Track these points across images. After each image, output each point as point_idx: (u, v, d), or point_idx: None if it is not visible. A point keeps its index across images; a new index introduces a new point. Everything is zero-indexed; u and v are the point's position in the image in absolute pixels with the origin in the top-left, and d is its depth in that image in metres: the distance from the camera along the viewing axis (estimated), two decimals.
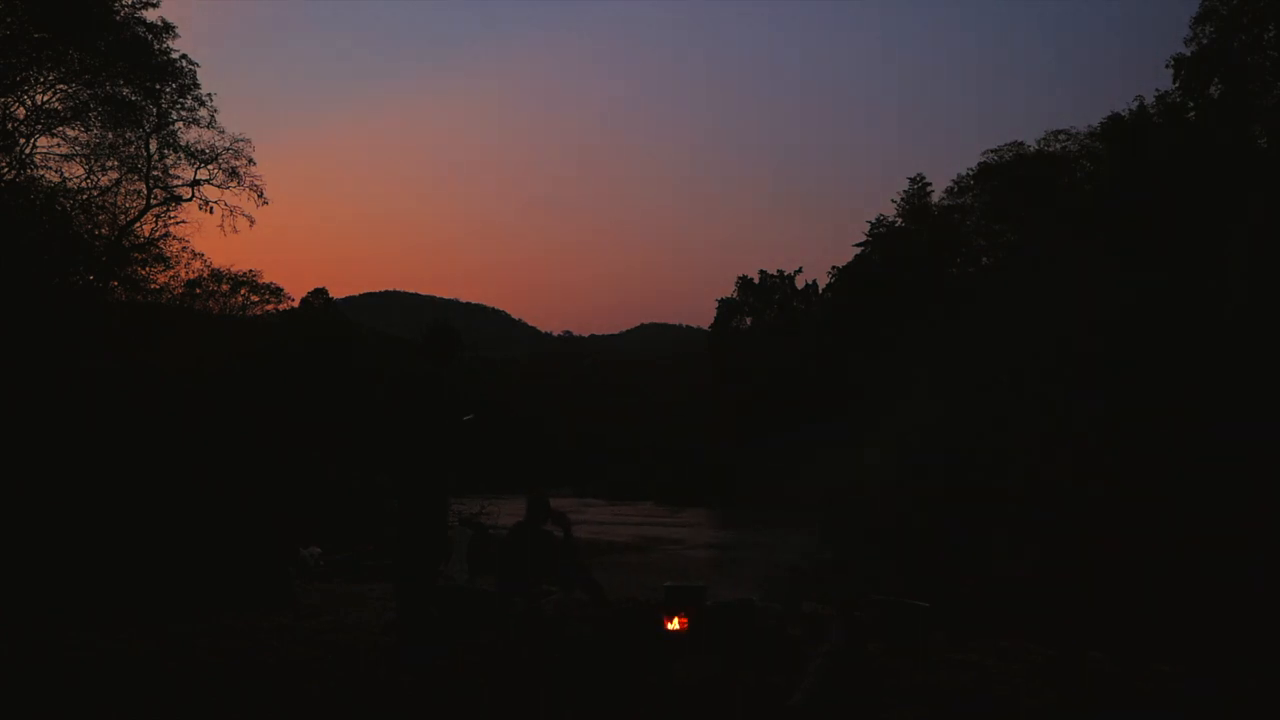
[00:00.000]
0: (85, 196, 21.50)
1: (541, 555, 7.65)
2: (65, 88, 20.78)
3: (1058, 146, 39.84)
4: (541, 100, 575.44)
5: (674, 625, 6.91)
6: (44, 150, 21.02)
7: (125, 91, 21.61)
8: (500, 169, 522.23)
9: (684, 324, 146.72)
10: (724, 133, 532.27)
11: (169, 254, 24.10)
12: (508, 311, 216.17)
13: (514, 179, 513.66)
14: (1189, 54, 30.26)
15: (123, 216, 22.79)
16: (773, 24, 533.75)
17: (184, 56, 22.44)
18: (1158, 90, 34.58)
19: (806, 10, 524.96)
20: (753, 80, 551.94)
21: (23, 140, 20.44)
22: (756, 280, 68.37)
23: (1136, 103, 34.29)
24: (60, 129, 21.05)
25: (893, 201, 51.04)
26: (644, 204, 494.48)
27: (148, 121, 22.50)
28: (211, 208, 23.87)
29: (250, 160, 24.10)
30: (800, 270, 73.61)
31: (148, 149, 22.86)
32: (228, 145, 23.72)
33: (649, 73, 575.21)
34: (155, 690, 5.09)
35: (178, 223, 23.95)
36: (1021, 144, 41.38)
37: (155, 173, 23.10)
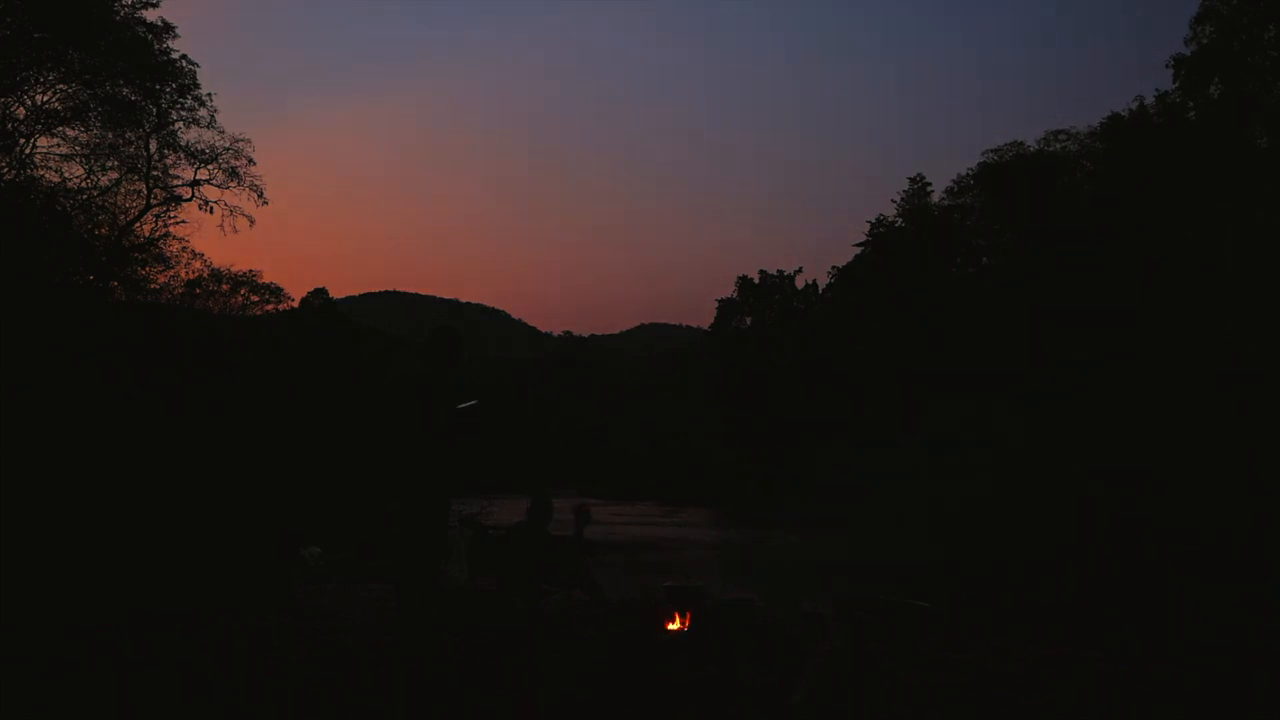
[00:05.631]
0: (85, 196, 21.51)
1: (542, 555, 7.65)
2: (65, 88, 20.79)
3: (1058, 146, 39.85)
4: (542, 98, 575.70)
5: (674, 625, 6.91)
6: (44, 150, 21.05)
7: (125, 91, 21.61)
8: (500, 168, 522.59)
9: (684, 324, 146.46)
10: (724, 132, 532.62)
11: (169, 254, 24.13)
12: (508, 311, 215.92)
13: (514, 179, 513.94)
14: (1189, 54, 30.26)
15: (123, 216, 22.79)
16: (773, 23, 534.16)
17: (184, 56, 22.48)
18: (1158, 90, 34.64)
19: (807, 9, 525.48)
20: (754, 80, 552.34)
21: (23, 140, 20.45)
22: (756, 280, 68.35)
23: (1136, 103, 34.32)
24: (60, 129, 21.07)
25: (893, 201, 51.07)
26: (644, 203, 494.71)
27: (148, 121, 22.50)
28: (211, 208, 23.89)
29: (250, 160, 24.13)
30: (800, 270, 73.60)
31: (148, 149, 22.88)
32: (228, 145, 23.75)
33: (650, 71, 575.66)
34: (156, 690, 5.10)
35: (178, 223, 23.98)
36: (1021, 144, 41.41)
37: (155, 173, 23.12)
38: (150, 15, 21.68)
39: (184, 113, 22.94)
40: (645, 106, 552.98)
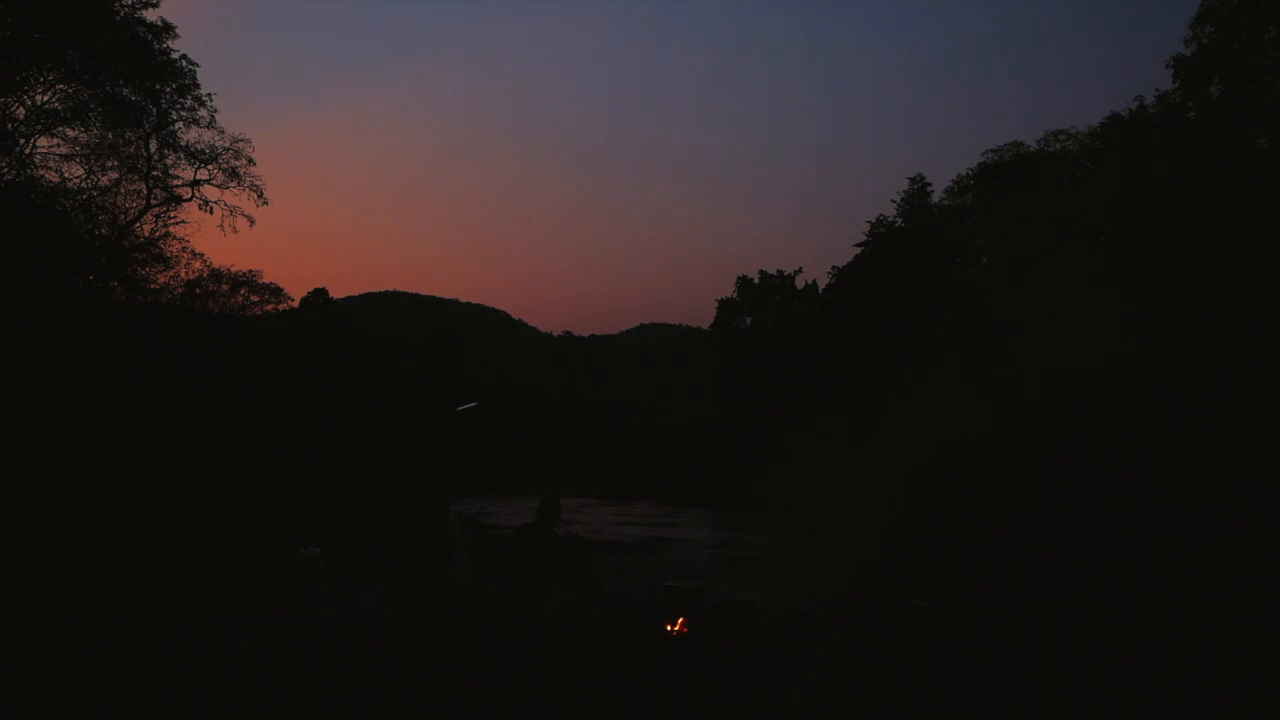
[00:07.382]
0: (85, 196, 21.48)
1: (544, 557, 7.65)
2: (65, 88, 20.76)
3: (1058, 146, 39.86)
4: (542, 97, 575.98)
5: (674, 626, 6.92)
6: (44, 150, 21.00)
7: (125, 91, 21.57)
8: (501, 168, 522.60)
9: (684, 324, 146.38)
10: (724, 132, 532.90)
11: (169, 254, 24.03)
12: (508, 311, 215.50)
13: (515, 178, 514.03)
14: (1189, 54, 30.24)
15: (123, 216, 22.76)
16: (774, 23, 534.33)
17: (184, 56, 22.40)
18: (1158, 90, 34.59)
19: (807, 9, 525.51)
20: (753, 79, 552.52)
21: (23, 140, 20.43)
22: (756, 280, 68.37)
23: (1136, 103, 34.30)
24: (60, 129, 21.02)
25: (893, 201, 51.06)
26: (645, 203, 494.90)
27: (148, 121, 22.47)
28: (211, 208, 23.82)
29: (250, 160, 24.05)
30: (800, 270, 73.59)
31: (148, 149, 22.83)
32: (227, 145, 23.69)
33: (650, 69, 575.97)
34: (156, 690, 5.09)
35: (178, 223, 23.88)
36: (1021, 144, 41.42)
37: (155, 173, 23.07)
38: (150, 15, 21.66)
39: (184, 113, 22.87)
40: (647, 106, 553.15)
